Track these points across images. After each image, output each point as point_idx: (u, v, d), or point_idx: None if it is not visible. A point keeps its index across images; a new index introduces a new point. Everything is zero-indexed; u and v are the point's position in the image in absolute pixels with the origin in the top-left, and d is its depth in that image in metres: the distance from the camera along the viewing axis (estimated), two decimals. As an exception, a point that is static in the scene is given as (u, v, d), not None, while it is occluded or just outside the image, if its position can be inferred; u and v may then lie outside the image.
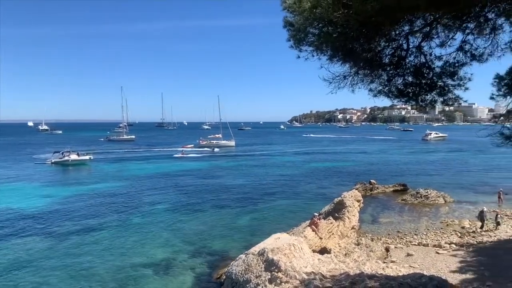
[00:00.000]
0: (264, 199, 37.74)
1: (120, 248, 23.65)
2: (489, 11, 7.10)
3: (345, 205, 24.48)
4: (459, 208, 32.71)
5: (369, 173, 53.30)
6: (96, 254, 22.74)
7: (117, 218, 30.65)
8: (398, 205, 34.19)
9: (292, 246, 11.91)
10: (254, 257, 11.70)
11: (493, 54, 7.61)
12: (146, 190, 42.51)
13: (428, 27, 7.31)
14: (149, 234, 26.61)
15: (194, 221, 30.03)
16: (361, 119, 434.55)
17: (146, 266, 20.91)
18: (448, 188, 40.12)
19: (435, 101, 8.34)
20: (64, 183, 48.18)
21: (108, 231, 27.25)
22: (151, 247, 23.92)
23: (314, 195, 39.42)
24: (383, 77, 8.21)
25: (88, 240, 25.36)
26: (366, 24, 5.96)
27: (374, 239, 24.50)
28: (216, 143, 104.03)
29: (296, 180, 49.14)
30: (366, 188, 39.76)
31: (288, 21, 7.24)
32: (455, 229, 26.50)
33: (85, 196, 39.26)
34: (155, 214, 31.96)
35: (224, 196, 39.03)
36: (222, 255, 22.64)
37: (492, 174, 52.51)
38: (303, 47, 7.17)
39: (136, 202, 36.47)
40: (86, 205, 35.20)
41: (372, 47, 7.39)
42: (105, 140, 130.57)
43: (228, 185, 45.38)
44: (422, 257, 21.05)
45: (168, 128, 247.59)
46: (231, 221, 29.91)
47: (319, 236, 20.61)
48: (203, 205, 35.14)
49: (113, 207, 34.42)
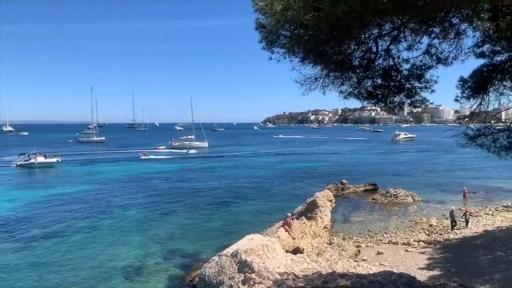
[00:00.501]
0: (237, 200, 37.70)
1: (90, 253, 23.05)
2: (453, 17, 7.37)
3: (318, 205, 24.77)
4: (427, 206, 33.73)
5: (341, 173, 54.16)
6: (65, 259, 22.07)
7: (87, 222, 29.87)
8: (368, 205, 34.91)
9: (265, 247, 11.95)
10: (227, 258, 11.66)
11: (457, 58, 7.92)
12: (117, 193, 41.62)
13: (396, 30, 7.53)
14: (121, 238, 26.07)
15: (166, 223, 29.65)
16: (332, 120, 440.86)
17: (117, 270, 20.47)
18: (416, 187, 41.29)
19: (403, 102, 8.59)
20: (31, 186, 46.54)
21: (78, 236, 26.50)
22: (123, 251, 23.44)
23: (287, 196, 39.69)
24: (353, 79, 8.39)
25: (57, 245, 24.56)
26: (337, 27, 6.08)
27: (346, 238, 24.92)
28: (189, 144, 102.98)
29: (269, 181, 49.36)
30: (337, 188, 40.38)
31: (260, 23, 7.27)
32: (423, 227, 27.32)
33: (53, 200, 38.03)
34: (126, 217, 31.34)
35: (196, 198, 38.74)
36: (194, 257, 22.46)
37: (457, 173, 54.47)
38: (275, 48, 7.22)
39: (107, 205, 35.65)
40: (54, 209, 34.10)
41: (342, 49, 7.54)
42: (74, 141, 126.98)
43: (201, 187, 45.07)
44: (392, 255, 21.59)
45: (140, 129, 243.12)
46: (204, 223, 29.71)
47: (292, 236, 20.77)
48: (175, 207, 34.74)
49: (82, 211, 33.51)
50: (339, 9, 4.95)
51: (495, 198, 36.50)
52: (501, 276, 16.35)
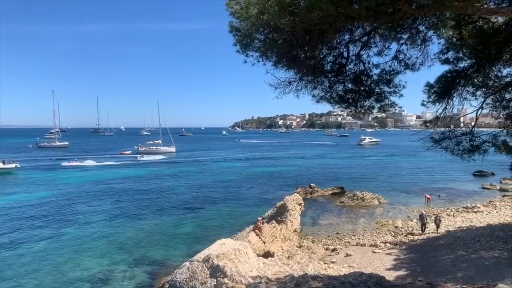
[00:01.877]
0: (206, 205, 37.36)
1: (53, 263, 22.12)
2: (420, 24, 7.66)
3: (287, 209, 24.96)
4: (392, 208, 34.68)
5: (309, 177, 54.87)
6: (26, 269, 21.08)
7: (48, 230, 28.68)
8: (336, 208, 35.49)
9: (237, 251, 11.88)
10: (199, 264, 11.50)
11: (424, 64, 8.23)
12: (80, 200, 40.24)
13: (367, 36, 7.74)
14: (84, 246, 25.19)
15: (132, 230, 28.94)
16: (300, 125, 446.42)
17: (82, 280, 19.74)
18: (382, 190, 42.42)
19: (373, 107, 8.82)
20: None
21: (39, 245, 25.38)
22: (87, 259, 22.64)
23: (257, 200, 39.76)
24: (325, 83, 8.55)
25: (17, 255, 23.39)
26: (311, 31, 6.17)
27: (315, 241, 25.21)
28: (155, 149, 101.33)
29: (238, 185, 49.26)
30: (306, 192, 40.88)
31: (234, 26, 7.28)
32: (389, 229, 28.05)
33: (12, 208, 36.29)
34: (90, 225, 30.34)
35: (164, 204, 38.09)
36: (163, 263, 22.03)
37: (420, 176, 56.38)
38: (249, 52, 7.25)
39: (69, 213, 34.38)
40: (12, 217, 32.55)
41: (315, 54, 7.66)
42: (35, 147, 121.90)
43: (168, 192, 44.37)
44: (360, 257, 22.01)
45: (105, 134, 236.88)
46: (172, 229, 29.23)
47: (262, 240, 20.80)
48: (142, 214, 34.00)
49: (43, 219, 32.15)
50: (314, 14, 5.04)
51: (456, 200, 38.03)
52: (463, 274, 17.03)
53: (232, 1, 6.68)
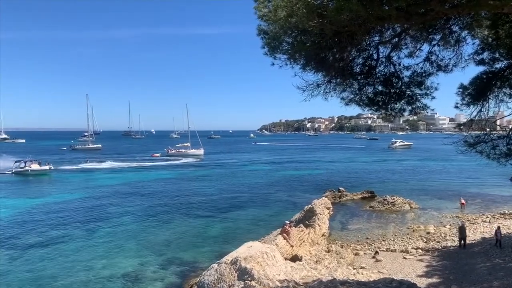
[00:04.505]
0: (234, 208, 37.56)
1: (86, 261, 22.82)
2: (454, 24, 7.44)
3: (316, 213, 24.71)
4: (424, 214, 33.73)
5: (338, 181, 54.19)
6: (61, 267, 21.83)
7: (83, 230, 29.63)
8: (366, 212, 34.87)
9: (265, 254, 11.86)
10: (226, 266, 11.56)
11: (457, 65, 7.98)
12: (112, 201, 41.37)
13: (397, 38, 7.58)
14: (117, 245, 25.84)
15: (162, 231, 29.45)
16: (329, 128, 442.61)
17: (114, 278, 20.26)
18: (413, 194, 41.36)
19: (404, 109, 8.63)
20: (25, 194, 46.15)
21: (74, 243, 26.26)
22: (119, 259, 23.22)
23: (284, 203, 39.61)
24: (354, 86, 8.43)
25: (52, 254, 24.27)
26: (340, 33, 6.12)
27: (344, 246, 24.84)
28: (184, 152, 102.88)
29: (265, 188, 49.26)
30: (335, 196, 40.38)
31: (262, 29, 7.32)
32: (421, 234, 27.28)
33: (49, 207, 37.76)
34: (122, 225, 31.12)
35: (193, 205, 38.57)
36: (192, 265, 22.29)
37: (454, 180, 54.62)
38: (277, 54, 7.26)
39: (102, 213, 35.39)
40: (49, 217, 33.80)
41: (344, 56, 7.57)
42: (69, 149, 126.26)
43: (197, 194, 44.90)
44: (390, 263, 21.53)
45: (136, 136, 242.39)
46: (200, 231, 29.55)
47: (290, 244, 20.66)
48: (172, 215, 34.55)
49: (78, 218, 33.26)
50: (343, 15, 5.00)
51: (492, 206, 36.59)
52: (499, 283, 16.35)
53: (261, 5, 6.71)
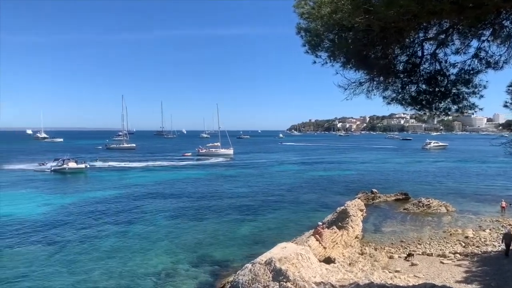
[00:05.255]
0: (265, 208, 37.49)
1: (121, 257, 23.35)
2: (505, 19, 7.05)
3: (349, 214, 24.30)
4: (462, 217, 32.50)
5: (370, 182, 53.17)
6: (96, 263, 22.43)
7: (117, 227, 30.37)
8: (400, 214, 33.98)
9: (299, 256, 11.70)
10: (261, 266, 11.48)
11: (508, 62, 7.54)
12: (145, 198, 42.24)
13: (444, 34, 7.26)
14: (150, 243, 26.31)
15: (195, 230, 29.75)
16: (360, 128, 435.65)
17: (147, 275, 20.61)
18: (449, 197, 39.99)
19: (449, 109, 8.24)
20: (63, 191, 47.83)
21: (109, 240, 26.95)
22: (153, 256, 23.63)
23: (315, 204, 39.20)
24: (396, 84, 8.13)
25: (88, 250, 24.99)
26: (387, 29, 5.90)
27: (378, 249, 24.28)
28: (214, 151, 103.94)
29: (296, 189, 48.93)
30: (368, 197, 39.62)
31: (302, 27, 7.19)
32: (459, 238, 26.28)
33: (85, 204, 38.97)
34: (155, 223, 31.68)
35: (224, 205, 38.78)
36: (224, 264, 22.37)
37: (493, 183, 52.39)
38: (318, 52, 7.11)
39: (135, 211, 36.19)
40: (86, 213, 34.89)
41: (387, 54, 7.32)
42: (104, 148, 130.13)
43: (228, 194, 45.15)
44: (426, 267, 20.84)
45: (168, 136, 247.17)
46: (232, 230, 29.64)
47: (323, 246, 20.38)
48: (203, 214, 34.88)
49: (113, 215, 34.14)
50: (392, 10, 4.80)
51: (535, 210, 34.81)
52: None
53: (302, 2, 6.59)
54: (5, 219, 32.44)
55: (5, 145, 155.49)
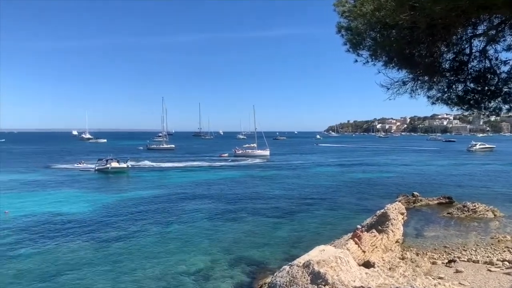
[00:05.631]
0: (302, 210, 37.19)
1: (160, 255, 23.92)
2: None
3: (389, 218, 23.60)
4: (510, 223, 30.78)
5: (411, 184, 51.56)
6: (137, 260, 23.09)
7: (156, 226, 31.12)
8: (443, 219, 32.67)
9: (338, 259, 11.49)
10: (299, 269, 11.37)
11: None
12: (183, 198, 43.09)
13: (494, 29, 6.87)
14: (188, 242, 26.78)
15: (231, 230, 29.98)
16: (400, 129, 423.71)
17: (186, 274, 20.98)
18: (497, 202, 37.97)
19: (500, 108, 7.79)
20: (106, 190, 49.67)
21: (149, 238, 27.66)
22: (191, 255, 24.02)
23: (353, 207, 38.46)
24: (442, 83, 7.79)
25: (129, 246, 25.81)
26: (433, 26, 5.66)
27: (420, 254, 23.43)
28: (251, 152, 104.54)
29: (334, 191, 48.21)
30: (409, 201, 38.38)
31: (342, 26, 7.05)
32: (508, 245, 24.87)
33: (127, 203, 40.28)
34: (193, 223, 32.20)
35: (260, 206, 38.83)
36: (261, 265, 22.37)
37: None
38: (360, 51, 6.95)
39: (174, 210, 36.97)
40: (127, 212, 36.02)
41: (433, 51, 7.03)
42: (145, 148, 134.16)
43: (264, 195, 45.17)
44: (472, 274, 19.86)
45: (205, 137, 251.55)
46: (269, 231, 29.61)
47: (362, 249, 19.92)
48: (240, 214, 35.08)
49: (152, 214, 35.05)
50: (440, 6, 4.58)
51: None
52: None
53: (342, 1, 6.46)
54: (52, 216, 34.13)
55: (53, 146, 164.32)
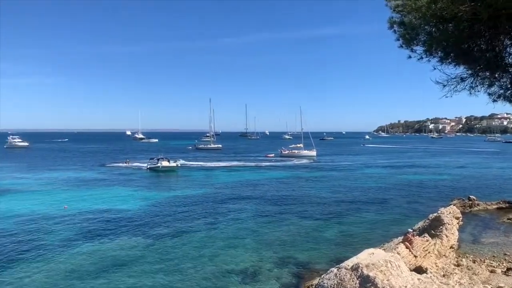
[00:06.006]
0: (349, 212, 36.38)
1: (208, 253, 24.34)
2: None
3: (443, 222, 22.49)
4: None
5: (467, 188, 48.88)
6: (186, 257, 23.65)
7: (204, 223, 31.75)
8: (503, 225, 30.63)
9: (389, 263, 11.07)
10: (347, 271, 11.09)
11: None
12: (230, 197, 43.66)
13: None
14: (235, 240, 27.06)
15: (278, 230, 29.92)
16: (455, 129, 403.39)
17: (233, 272, 21.21)
18: None
19: None
20: (157, 188, 51.48)
21: (197, 236, 28.26)
22: (238, 254, 24.26)
23: (404, 210, 37.06)
24: (504, 79, 7.25)
25: (178, 243, 26.51)
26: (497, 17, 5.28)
27: (477, 261, 22.09)
28: (297, 153, 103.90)
29: (382, 193, 46.71)
30: (464, 205, 36.38)
31: (394, 21, 6.78)
32: None
33: (175, 201, 41.51)
34: (239, 222, 32.50)
35: (307, 207, 38.43)
36: (307, 266, 22.14)
37: None
38: (414, 46, 6.64)
39: (222, 208, 37.53)
40: (176, 210, 37.08)
41: (495, 45, 6.57)
42: (193, 148, 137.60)
43: (311, 196, 44.68)
44: (537, 286, 18.46)
45: (251, 137, 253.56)
46: (315, 233, 29.24)
47: (413, 254, 19.13)
48: (286, 215, 34.92)
49: (200, 212, 35.82)
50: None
51: None
52: None
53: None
54: (106, 212, 35.86)
55: (108, 145, 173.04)
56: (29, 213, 35.27)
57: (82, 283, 19.86)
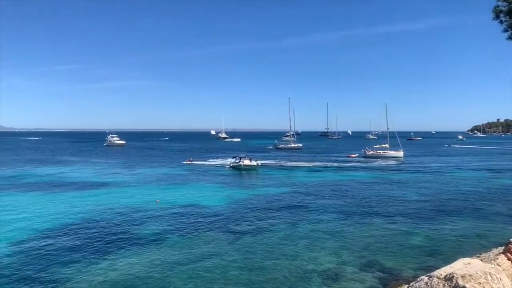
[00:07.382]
0: (440, 217, 33.93)
1: (289, 252, 24.40)
2: None
3: (553, 234, 19.97)
4: None
5: None
6: (266, 255, 23.96)
7: (284, 223, 31.87)
8: None
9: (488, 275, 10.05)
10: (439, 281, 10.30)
11: None
12: (311, 197, 43.30)
13: None
14: (317, 241, 26.78)
15: (361, 233, 28.97)
16: None
17: (314, 272, 21.02)
18: None
19: None
20: (239, 186, 53.00)
21: (277, 234, 28.48)
22: (319, 254, 23.98)
23: (505, 218, 33.56)
24: None
25: (259, 241, 26.93)
26: None
27: None
28: (382, 153, 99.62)
29: (477, 198, 42.77)
30: None
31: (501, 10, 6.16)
32: None
33: (256, 199, 42.30)
34: (320, 222, 32.08)
35: (393, 211, 36.65)
36: (393, 272, 21.14)
37: None
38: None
39: (303, 208, 37.37)
40: (257, 207, 37.77)
41: None
42: (273, 148, 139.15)
43: (397, 199, 42.53)
44: None
45: (333, 137, 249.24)
46: (402, 238, 27.77)
47: (516, 267, 17.27)
48: (370, 218, 33.66)
49: (280, 211, 36.02)
50: None
51: None
52: None
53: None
54: (192, 207, 37.77)
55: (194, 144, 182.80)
56: (125, 205, 38.56)
57: (170, 271, 21.14)
